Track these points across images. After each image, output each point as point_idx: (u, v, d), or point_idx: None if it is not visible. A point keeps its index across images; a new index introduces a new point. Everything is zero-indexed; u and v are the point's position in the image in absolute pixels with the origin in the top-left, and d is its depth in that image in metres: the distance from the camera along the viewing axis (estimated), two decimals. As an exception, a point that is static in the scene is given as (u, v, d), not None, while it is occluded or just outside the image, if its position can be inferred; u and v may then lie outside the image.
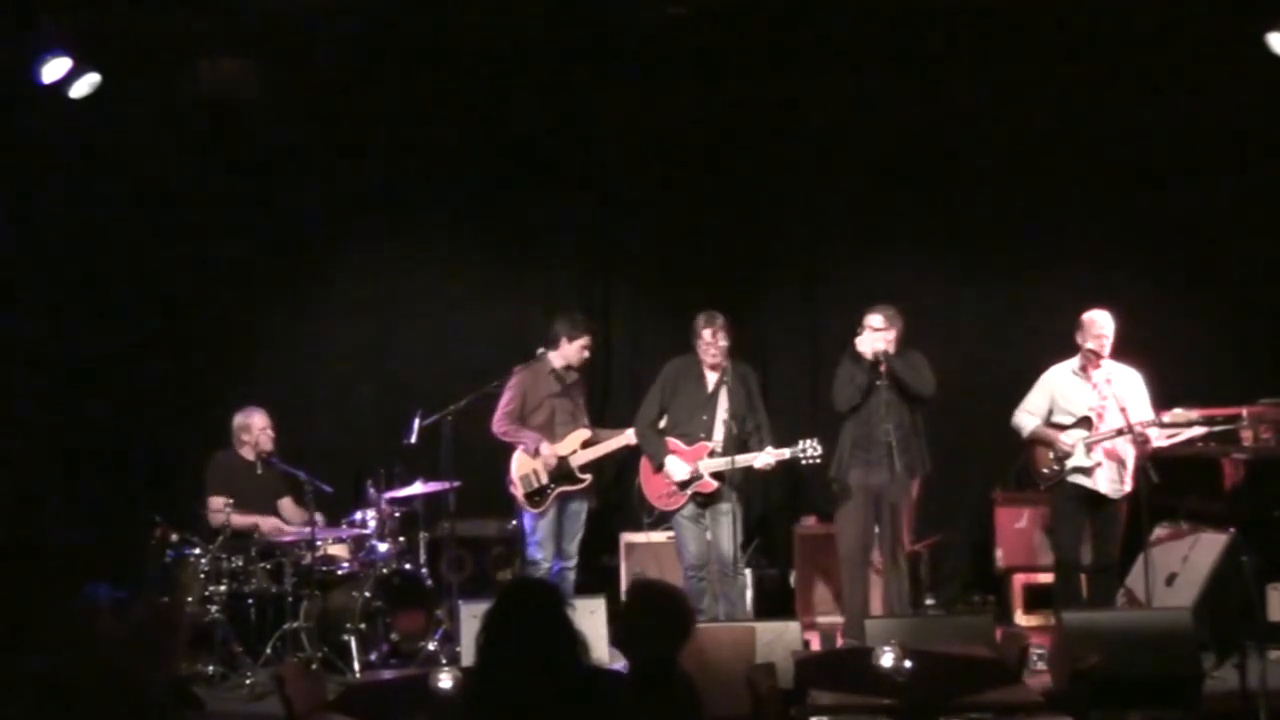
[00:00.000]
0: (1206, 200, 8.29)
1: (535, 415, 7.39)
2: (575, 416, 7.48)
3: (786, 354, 8.72)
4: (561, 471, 7.31)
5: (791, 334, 8.79)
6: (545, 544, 7.31)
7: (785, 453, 6.93)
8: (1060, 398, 7.09)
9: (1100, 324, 6.96)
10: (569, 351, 7.40)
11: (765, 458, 6.94)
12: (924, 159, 8.53)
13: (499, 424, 7.37)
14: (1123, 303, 7.49)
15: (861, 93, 8.29)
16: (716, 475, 6.99)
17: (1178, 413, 6.97)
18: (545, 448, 7.27)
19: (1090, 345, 6.92)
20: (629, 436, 7.38)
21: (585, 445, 7.37)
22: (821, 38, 7.85)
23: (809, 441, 6.93)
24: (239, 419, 7.54)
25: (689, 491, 7.08)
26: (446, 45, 7.89)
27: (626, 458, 7.77)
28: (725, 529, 6.97)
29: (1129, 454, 6.94)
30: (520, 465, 7.35)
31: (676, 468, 7.08)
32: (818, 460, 6.96)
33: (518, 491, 7.35)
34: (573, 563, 7.40)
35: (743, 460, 6.95)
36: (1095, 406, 6.96)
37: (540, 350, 7.48)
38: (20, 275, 7.92)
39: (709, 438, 7.09)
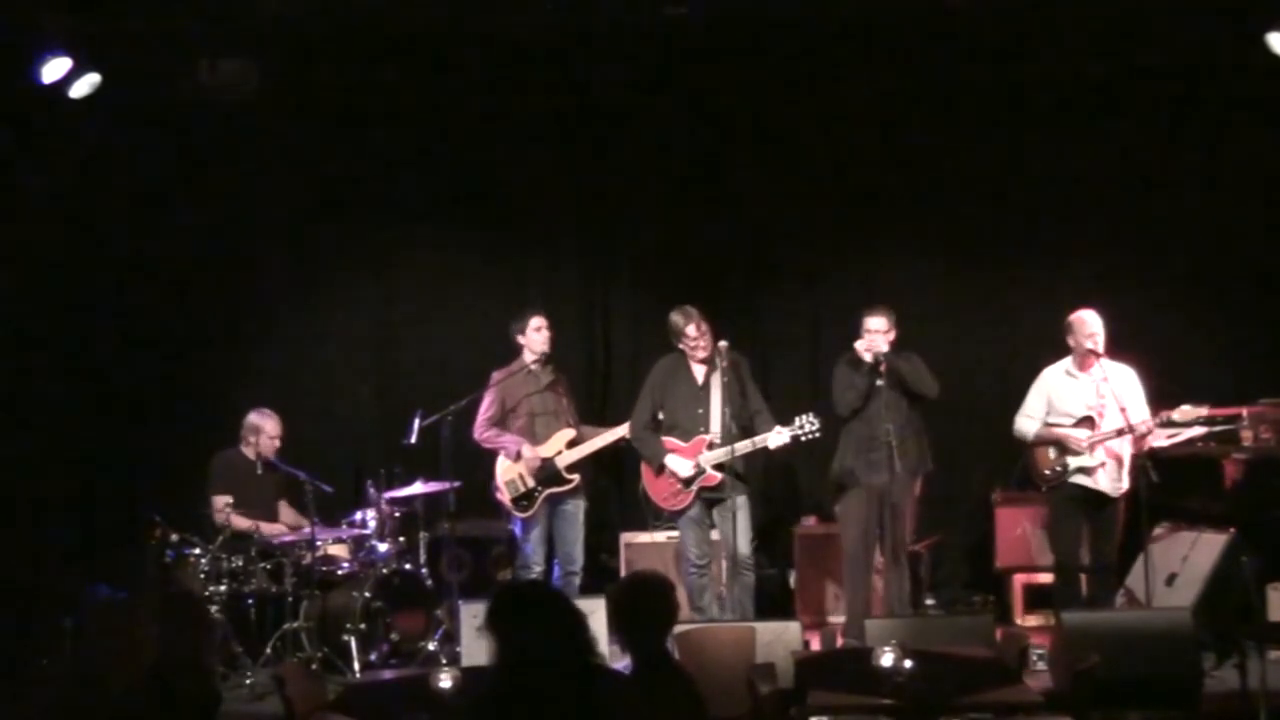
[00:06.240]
0: (1206, 200, 8.29)
1: (516, 418, 7.37)
2: (559, 415, 7.44)
3: (786, 353, 8.71)
4: (548, 473, 7.28)
5: (791, 333, 8.78)
6: (538, 548, 7.29)
7: (786, 432, 6.91)
8: (1056, 399, 7.08)
9: (1090, 323, 6.94)
10: (529, 341, 7.37)
11: (777, 437, 6.91)
12: (924, 159, 8.53)
13: (479, 430, 7.35)
14: (1122, 303, 7.49)
15: (861, 93, 8.28)
16: (719, 466, 6.95)
17: (1185, 409, 6.95)
18: (527, 450, 7.25)
19: (1087, 345, 6.91)
20: (619, 431, 7.35)
21: (571, 444, 7.35)
22: (821, 39, 7.85)
23: (805, 416, 6.91)
24: (253, 418, 7.49)
25: (694, 489, 7.05)
26: (445, 45, 7.89)
27: (626, 458, 7.76)
28: (736, 525, 6.90)
29: (1127, 453, 6.94)
30: (505, 471, 7.33)
31: (679, 465, 7.05)
32: (817, 434, 6.92)
33: (504, 497, 7.33)
34: (577, 566, 7.35)
35: (744, 446, 6.92)
36: (1094, 406, 6.95)
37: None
38: (19, 274, 7.91)
39: (706, 430, 7.06)
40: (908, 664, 4.73)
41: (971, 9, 7.50)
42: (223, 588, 6.91)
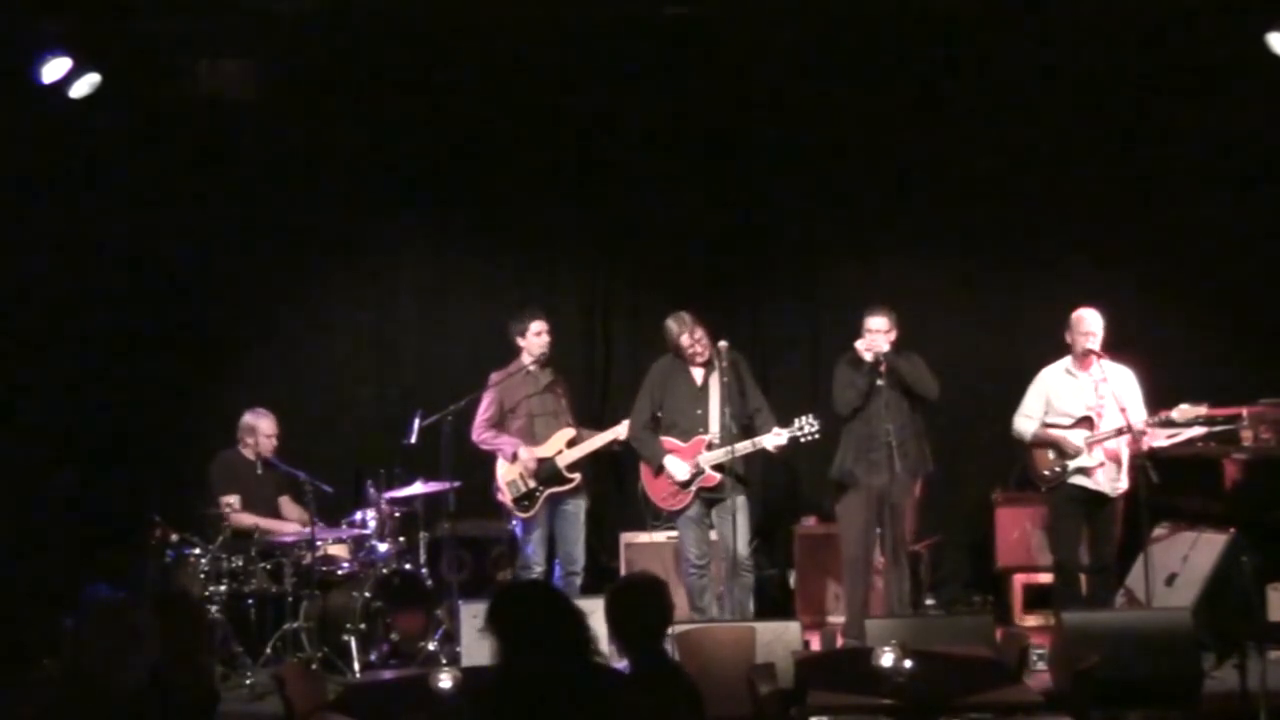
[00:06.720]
0: (1206, 200, 8.29)
1: (515, 418, 7.38)
2: (558, 416, 7.44)
3: (786, 354, 8.72)
4: (548, 473, 7.29)
5: (791, 334, 8.79)
6: (539, 549, 7.30)
7: (784, 434, 6.92)
8: (1055, 399, 7.08)
9: (1089, 321, 6.94)
10: (528, 345, 7.38)
11: (774, 438, 6.92)
12: (924, 159, 8.53)
13: (477, 432, 7.36)
14: (1123, 303, 7.50)
15: (862, 93, 8.28)
16: (718, 467, 6.96)
17: (1185, 409, 6.95)
18: (523, 452, 7.25)
19: (1084, 343, 6.91)
20: (616, 431, 7.35)
21: (571, 444, 7.35)
22: (821, 39, 7.85)
23: (805, 418, 6.92)
24: (247, 419, 7.51)
25: (693, 489, 7.07)
26: (445, 46, 7.89)
27: (626, 458, 7.76)
28: (736, 525, 6.89)
29: (1125, 452, 6.94)
30: (505, 472, 7.34)
31: (677, 467, 7.06)
32: (816, 436, 6.94)
33: (505, 498, 7.34)
34: (578, 566, 7.36)
35: (744, 447, 6.92)
36: (1093, 406, 6.95)
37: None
38: (20, 274, 7.91)
39: (705, 431, 7.08)
40: (908, 664, 4.73)
41: (972, 9, 7.51)
42: (223, 588, 6.91)
